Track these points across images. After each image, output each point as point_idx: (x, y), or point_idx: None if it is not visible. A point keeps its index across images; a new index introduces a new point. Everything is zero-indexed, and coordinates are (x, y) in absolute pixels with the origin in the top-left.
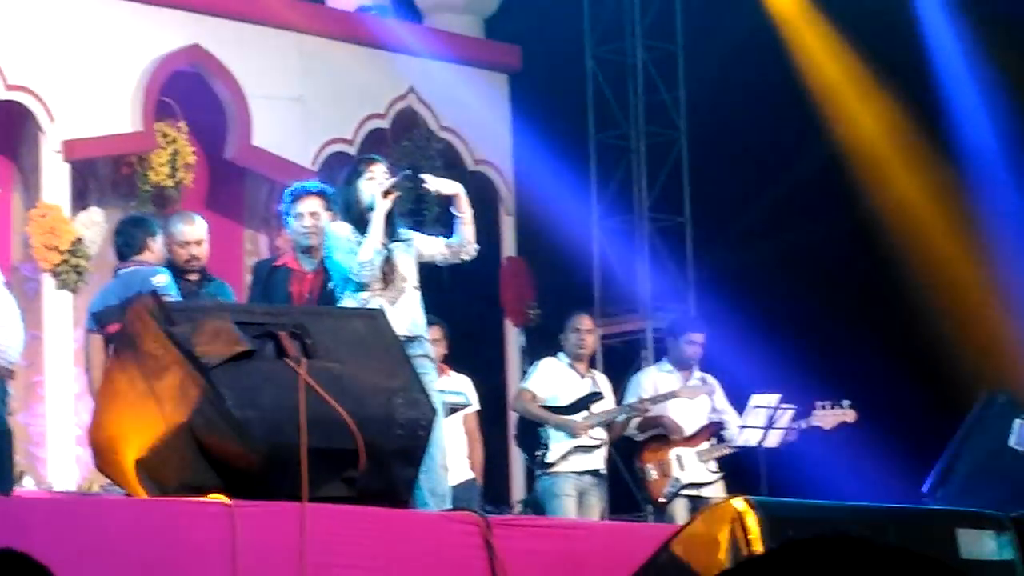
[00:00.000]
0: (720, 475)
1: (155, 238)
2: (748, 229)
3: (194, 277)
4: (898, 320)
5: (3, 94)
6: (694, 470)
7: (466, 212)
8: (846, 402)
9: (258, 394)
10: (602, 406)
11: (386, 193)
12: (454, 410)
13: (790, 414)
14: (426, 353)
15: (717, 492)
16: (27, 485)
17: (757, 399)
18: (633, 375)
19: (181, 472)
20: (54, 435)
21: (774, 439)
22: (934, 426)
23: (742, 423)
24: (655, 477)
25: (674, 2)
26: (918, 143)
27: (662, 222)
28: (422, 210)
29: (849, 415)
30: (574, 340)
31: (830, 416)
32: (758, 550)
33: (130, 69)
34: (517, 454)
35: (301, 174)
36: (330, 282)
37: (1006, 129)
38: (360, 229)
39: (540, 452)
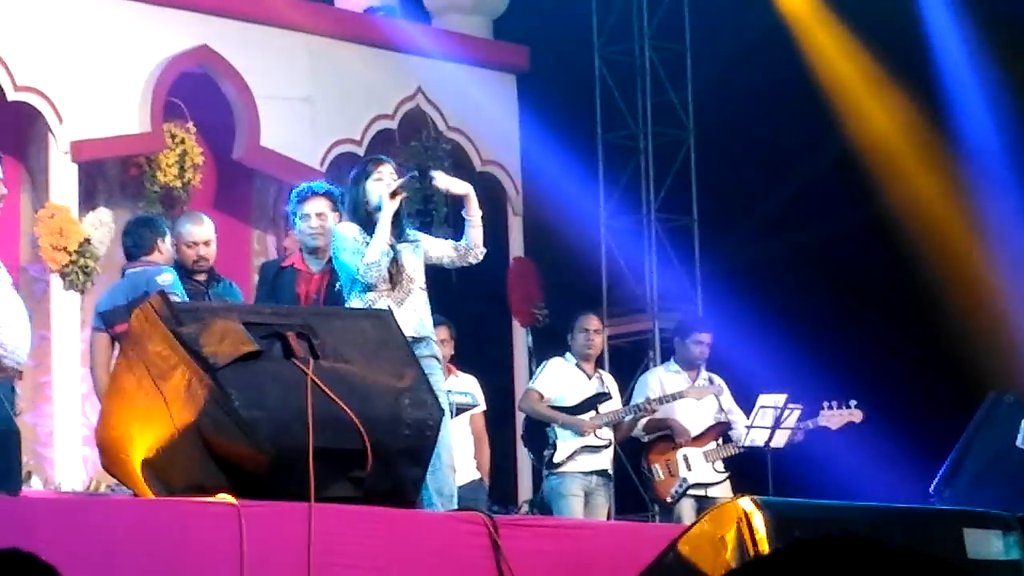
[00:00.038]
0: (727, 475)
1: (164, 239)
2: (755, 229)
3: (202, 277)
4: (904, 320)
5: (12, 95)
6: (701, 470)
7: (475, 214)
8: (853, 402)
9: (265, 394)
10: (609, 406)
11: (393, 194)
12: (461, 410)
13: (797, 414)
14: (433, 354)
15: (724, 492)
16: (35, 485)
17: (764, 399)
18: (640, 375)
19: (188, 472)
20: (61, 435)
21: (781, 439)
22: (941, 426)
23: (749, 423)
24: (662, 477)
25: (682, 3)
26: (929, 142)
27: (669, 222)
28: (430, 211)
29: (856, 415)
30: (582, 340)
31: (837, 416)
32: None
33: (138, 70)
34: (524, 454)
35: (309, 174)
36: (337, 283)
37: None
38: (367, 230)
39: (547, 452)
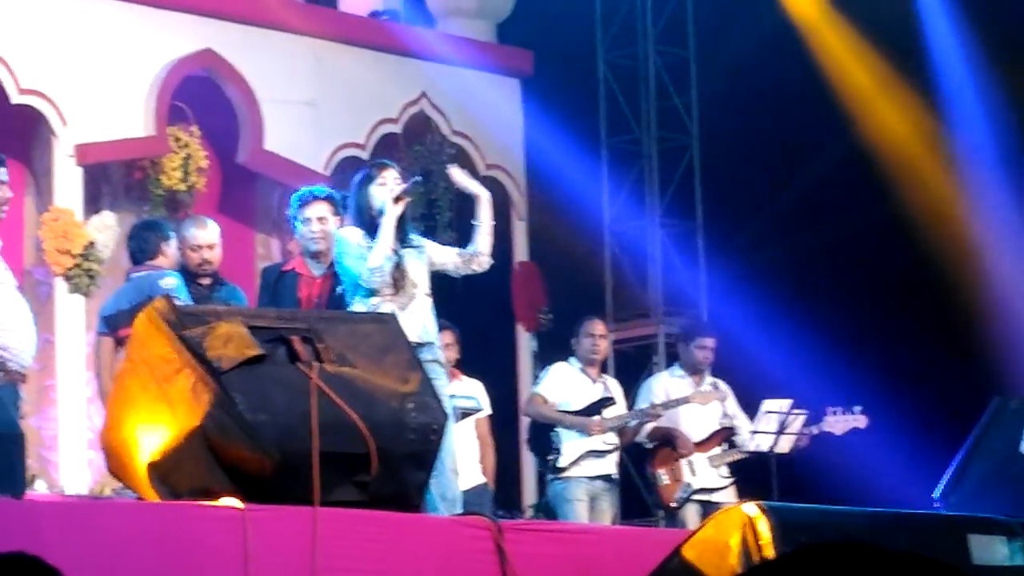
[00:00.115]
0: (731, 480)
1: (168, 242)
2: (760, 234)
3: (206, 281)
4: (907, 326)
5: (16, 98)
6: (705, 475)
7: (486, 220)
8: (857, 407)
9: (270, 398)
10: (614, 411)
11: (397, 199)
12: (466, 415)
13: (802, 419)
14: (436, 359)
15: (728, 497)
16: (39, 489)
17: (769, 404)
18: (645, 380)
19: (193, 476)
20: (66, 439)
21: (786, 444)
22: (946, 431)
23: (754, 428)
24: (666, 482)
25: (686, 8)
26: (938, 145)
27: (674, 227)
28: (433, 215)
29: (860, 421)
30: (586, 345)
31: (841, 422)
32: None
33: (143, 73)
34: (529, 458)
35: (313, 178)
36: (339, 287)
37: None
38: (371, 234)
39: (552, 456)
